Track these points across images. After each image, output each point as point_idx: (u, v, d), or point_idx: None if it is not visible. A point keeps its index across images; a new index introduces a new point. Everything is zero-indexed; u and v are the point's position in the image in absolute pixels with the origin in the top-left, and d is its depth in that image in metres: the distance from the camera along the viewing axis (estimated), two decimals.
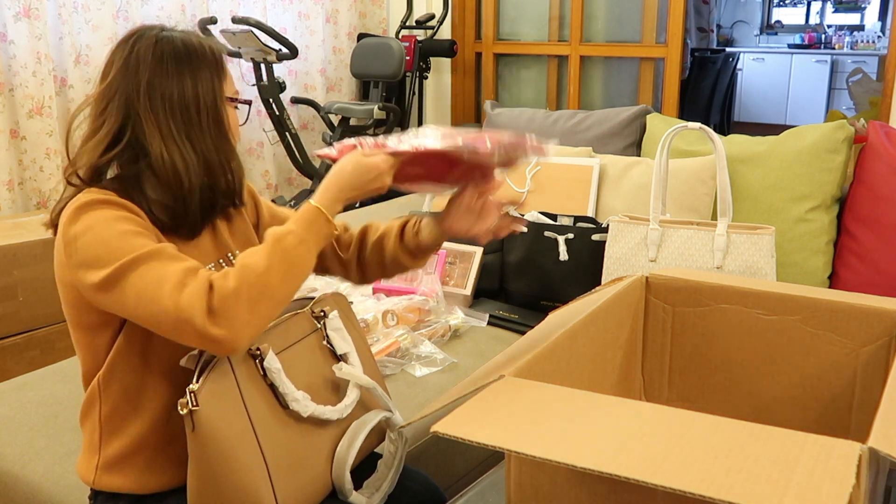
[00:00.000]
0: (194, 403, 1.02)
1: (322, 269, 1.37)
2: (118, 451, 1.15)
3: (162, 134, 1.10)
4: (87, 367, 1.17)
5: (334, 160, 1.17)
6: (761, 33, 8.17)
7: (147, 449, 1.15)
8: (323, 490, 1.18)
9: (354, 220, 2.83)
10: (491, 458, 1.78)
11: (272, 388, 1.12)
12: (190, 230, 1.16)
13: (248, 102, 1.23)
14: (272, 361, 1.12)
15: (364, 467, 1.26)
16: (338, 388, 1.23)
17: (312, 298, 1.27)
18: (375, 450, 1.30)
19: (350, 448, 1.18)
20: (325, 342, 1.24)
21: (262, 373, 1.11)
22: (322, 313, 1.25)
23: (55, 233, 1.16)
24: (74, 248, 1.06)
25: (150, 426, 1.15)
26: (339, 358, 1.25)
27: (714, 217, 2.23)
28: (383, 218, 2.87)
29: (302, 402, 1.14)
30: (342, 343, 1.25)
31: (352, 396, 1.22)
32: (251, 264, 1.02)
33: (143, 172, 1.12)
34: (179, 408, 1.03)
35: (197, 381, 1.04)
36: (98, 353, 1.14)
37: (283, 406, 1.13)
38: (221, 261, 1.22)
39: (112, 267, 1.02)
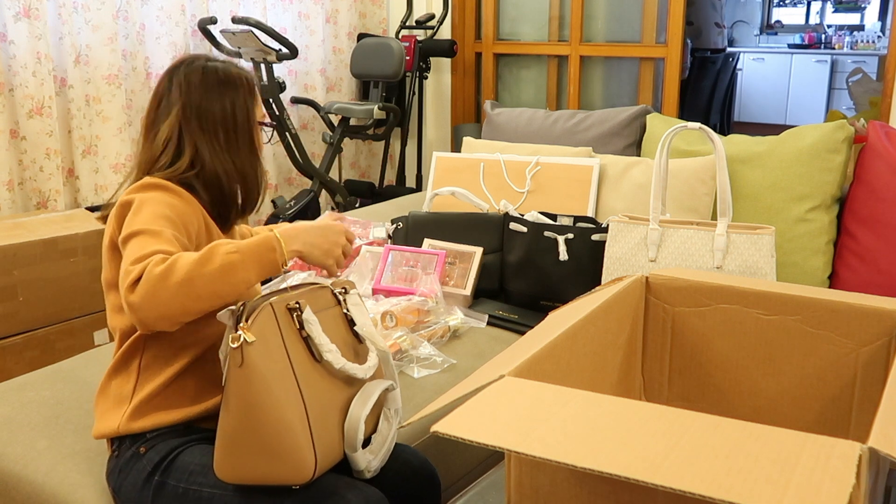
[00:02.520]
0: (246, 339, 1.10)
1: None
2: (148, 394, 1.27)
3: (209, 148, 1.32)
4: (129, 325, 1.30)
5: None
6: (761, 33, 8.17)
7: (174, 388, 1.28)
8: (338, 452, 1.23)
9: (357, 219, 2.80)
10: (491, 458, 1.78)
11: (306, 341, 1.20)
12: (226, 224, 1.37)
13: (273, 126, 1.44)
14: (310, 314, 1.20)
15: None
16: (358, 356, 1.32)
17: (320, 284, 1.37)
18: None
19: (364, 406, 1.25)
20: (344, 314, 1.33)
21: (298, 326, 1.19)
22: (343, 290, 1.34)
23: (105, 221, 1.33)
24: (128, 210, 1.24)
25: (185, 366, 1.28)
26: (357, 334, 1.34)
27: (714, 217, 2.23)
28: (384, 217, 2.86)
29: (335, 354, 1.21)
30: (361, 317, 1.33)
31: (374, 359, 1.31)
32: (184, 255, 1.14)
33: (197, 178, 1.32)
34: (231, 342, 1.11)
35: (247, 321, 1.12)
36: None
37: (315, 360, 1.21)
38: None
39: (133, 228, 1.19)
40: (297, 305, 1.19)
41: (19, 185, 2.84)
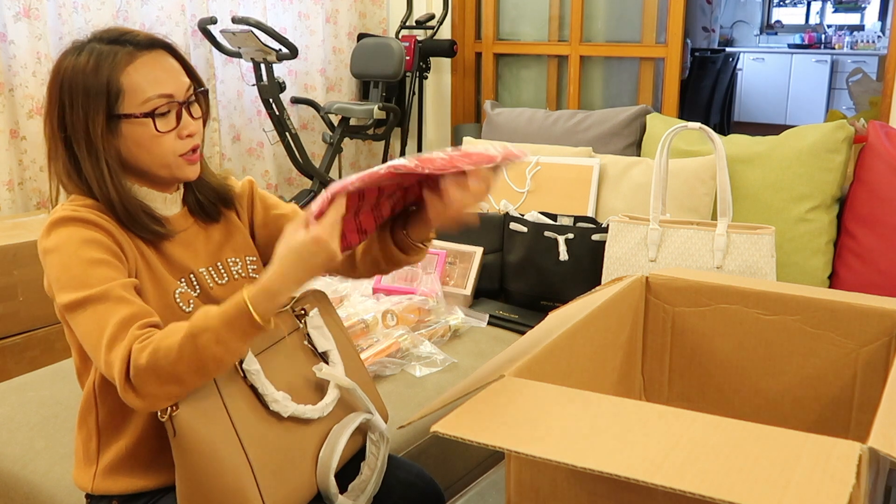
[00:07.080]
0: (174, 408, 1.03)
1: None
2: (116, 455, 1.17)
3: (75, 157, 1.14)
4: (82, 366, 1.21)
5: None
6: (761, 33, 8.18)
7: (143, 451, 1.17)
8: (308, 491, 1.17)
9: None
10: (491, 458, 1.78)
11: (253, 389, 1.12)
12: (154, 236, 1.16)
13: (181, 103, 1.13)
14: (251, 363, 1.12)
15: (349, 468, 1.26)
16: (319, 387, 1.23)
17: (293, 297, 1.25)
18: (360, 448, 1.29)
19: (332, 453, 1.18)
20: (305, 342, 1.24)
21: (242, 374, 1.12)
22: (303, 311, 1.24)
23: None
24: (45, 262, 1.10)
25: (147, 427, 1.15)
26: (320, 356, 1.24)
27: (714, 217, 2.23)
28: None
29: (282, 403, 1.13)
30: (323, 341, 1.24)
31: (332, 395, 1.21)
32: (165, 348, 1.00)
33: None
34: (159, 415, 1.04)
35: None
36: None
37: (264, 406, 1.13)
38: (211, 268, 1.22)
39: (70, 297, 1.06)
40: None
41: (19, 185, 2.84)
